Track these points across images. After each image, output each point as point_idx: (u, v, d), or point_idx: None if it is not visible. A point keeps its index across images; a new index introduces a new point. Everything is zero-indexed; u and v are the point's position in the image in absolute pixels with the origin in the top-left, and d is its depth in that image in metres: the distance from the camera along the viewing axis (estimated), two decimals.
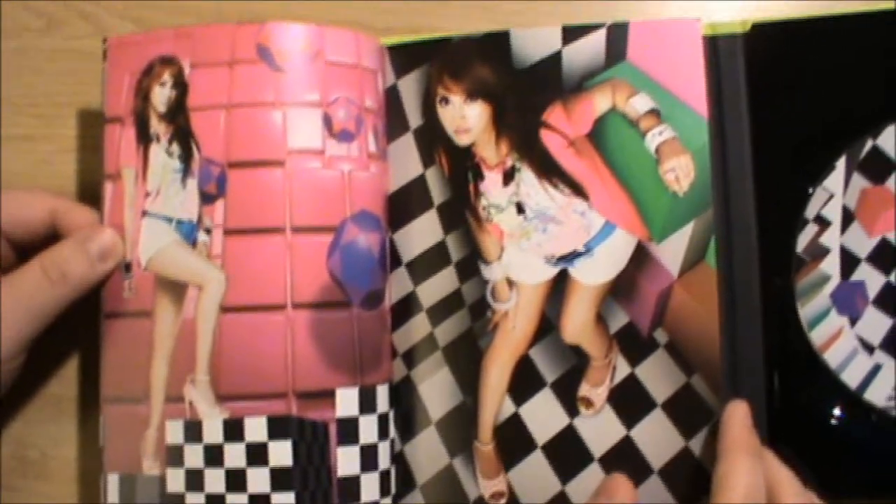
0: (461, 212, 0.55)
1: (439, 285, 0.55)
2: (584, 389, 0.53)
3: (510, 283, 0.54)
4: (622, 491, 0.49)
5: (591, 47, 0.54)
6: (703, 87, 0.53)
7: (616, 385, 0.53)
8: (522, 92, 0.54)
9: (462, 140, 0.55)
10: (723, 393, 0.51)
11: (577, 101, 0.54)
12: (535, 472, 0.53)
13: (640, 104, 0.53)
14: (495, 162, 0.54)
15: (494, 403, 0.54)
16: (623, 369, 0.53)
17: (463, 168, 0.55)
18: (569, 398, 0.53)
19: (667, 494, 0.51)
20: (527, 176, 0.54)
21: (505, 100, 0.54)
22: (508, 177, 0.54)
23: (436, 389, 0.55)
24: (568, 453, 0.53)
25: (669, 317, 0.52)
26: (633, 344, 0.53)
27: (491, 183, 0.55)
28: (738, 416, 0.49)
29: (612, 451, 0.52)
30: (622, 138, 0.53)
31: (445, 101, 0.55)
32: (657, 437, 0.52)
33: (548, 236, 0.54)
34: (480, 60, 0.55)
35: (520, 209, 0.54)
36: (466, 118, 0.55)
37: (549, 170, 0.54)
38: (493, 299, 0.54)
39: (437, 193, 0.55)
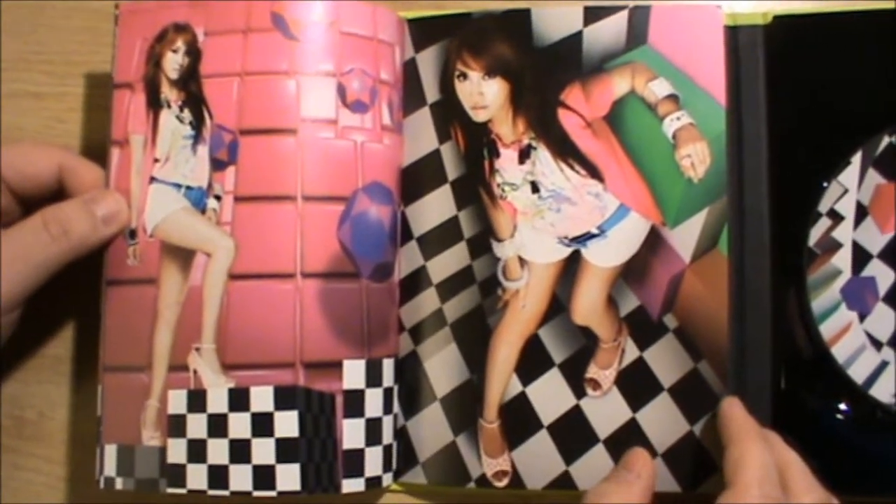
0: (475, 188, 0.55)
1: (450, 261, 0.55)
2: (592, 371, 0.53)
3: (522, 261, 0.54)
4: (642, 463, 0.50)
5: (612, 29, 0.53)
6: (723, 75, 0.53)
7: (624, 368, 0.53)
8: (541, 70, 0.54)
9: (479, 116, 0.55)
10: (730, 381, 0.51)
11: (596, 82, 0.53)
12: (539, 452, 0.53)
13: (659, 89, 0.53)
14: (511, 139, 0.54)
15: (501, 382, 0.54)
16: (632, 352, 0.53)
17: (478, 144, 0.55)
18: (576, 379, 0.53)
19: (670, 477, 0.51)
20: (542, 155, 0.54)
21: (523, 78, 0.54)
22: (524, 155, 0.54)
23: (442, 365, 0.54)
24: (573, 434, 0.53)
25: (680, 302, 0.52)
26: (643, 328, 0.53)
27: (506, 160, 0.54)
28: (737, 407, 0.50)
29: (617, 433, 0.52)
30: (640, 122, 0.53)
31: (463, 76, 0.55)
32: (662, 421, 0.52)
33: (561, 216, 0.53)
34: (500, 37, 0.54)
35: (534, 188, 0.54)
36: (484, 95, 0.54)
37: (565, 150, 0.53)
38: (503, 277, 0.54)
39: (452, 169, 0.55)
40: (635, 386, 0.52)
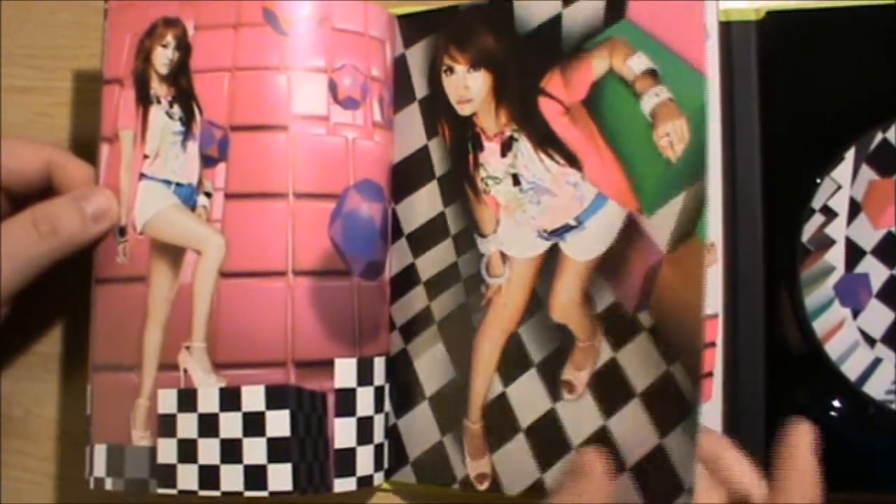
0: (460, 184, 0.54)
1: (437, 258, 0.54)
2: (568, 372, 0.51)
3: (504, 257, 0.53)
4: (598, 467, 0.48)
5: (591, 7, 0.51)
6: (703, 42, 0.49)
7: (597, 370, 0.50)
8: (523, 59, 0.52)
9: (464, 110, 0.54)
10: (722, 378, 0.51)
11: (576, 65, 0.51)
12: (516, 457, 0.51)
13: (637, 64, 0.50)
14: (495, 132, 0.53)
15: (485, 381, 0.53)
16: (606, 353, 0.50)
17: (463, 139, 0.54)
18: (553, 381, 0.51)
19: (638, 495, 0.48)
20: (524, 146, 0.52)
21: (506, 68, 0.53)
22: (506, 147, 0.53)
23: (431, 364, 0.54)
24: (548, 439, 0.51)
25: (655, 297, 0.50)
26: (618, 326, 0.50)
27: (490, 154, 0.53)
28: (805, 445, 0.47)
29: (589, 441, 0.50)
30: (618, 102, 0.51)
31: (450, 70, 0.54)
32: (633, 430, 0.49)
33: (541, 209, 0.52)
34: (484, 28, 0.53)
35: (516, 181, 0.53)
36: (469, 88, 0.53)
37: (545, 139, 0.52)
38: (487, 274, 0.53)
39: (439, 165, 0.54)
40: (608, 389, 0.50)
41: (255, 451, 0.49)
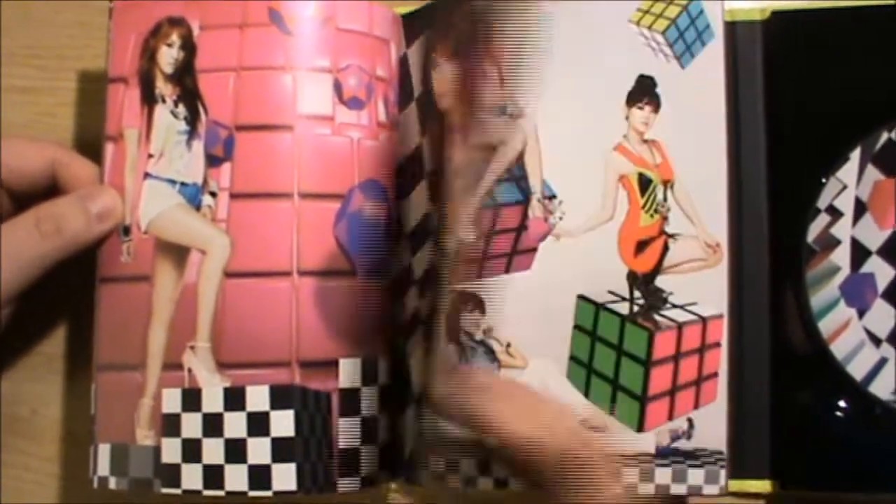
0: (439, 180, 0.53)
1: (424, 258, 0.54)
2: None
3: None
4: None
5: None
6: None
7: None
8: (475, 40, 0.51)
9: (443, 103, 0.53)
10: (728, 379, 0.51)
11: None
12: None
13: None
14: (458, 122, 0.51)
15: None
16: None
17: (442, 133, 0.52)
18: None
19: None
20: None
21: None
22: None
23: (418, 365, 0.53)
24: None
25: None
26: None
27: (456, 146, 0.52)
28: None
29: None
30: None
31: (437, 65, 0.53)
32: None
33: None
34: (458, 17, 0.51)
35: (464, 172, 0.51)
36: (447, 80, 0.52)
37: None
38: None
39: (427, 162, 0.54)
40: None
41: (259, 450, 0.49)
